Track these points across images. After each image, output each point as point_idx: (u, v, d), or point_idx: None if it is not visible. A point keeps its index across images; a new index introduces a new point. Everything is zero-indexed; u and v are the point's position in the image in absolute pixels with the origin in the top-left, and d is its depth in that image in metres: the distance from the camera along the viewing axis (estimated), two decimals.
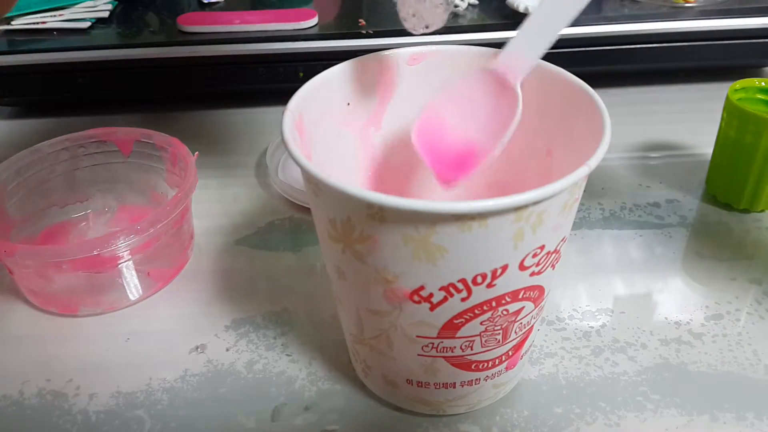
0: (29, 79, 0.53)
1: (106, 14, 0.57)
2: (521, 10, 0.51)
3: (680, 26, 0.53)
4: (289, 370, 0.33)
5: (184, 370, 0.33)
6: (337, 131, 0.31)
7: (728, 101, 0.41)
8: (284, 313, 0.36)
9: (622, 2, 0.56)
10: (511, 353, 0.28)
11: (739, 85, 0.42)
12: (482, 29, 0.53)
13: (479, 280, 0.24)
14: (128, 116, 0.56)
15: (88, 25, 0.55)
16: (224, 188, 0.47)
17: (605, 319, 0.35)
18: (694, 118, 0.53)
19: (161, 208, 0.35)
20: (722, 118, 0.42)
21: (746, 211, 0.43)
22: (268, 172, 0.47)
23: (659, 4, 0.55)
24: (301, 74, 0.53)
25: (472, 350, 0.27)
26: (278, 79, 0.53)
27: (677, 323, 0.35)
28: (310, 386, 0.32)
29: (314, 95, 0.29)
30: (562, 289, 0.37)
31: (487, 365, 0.28)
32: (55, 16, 0.56)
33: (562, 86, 0.29)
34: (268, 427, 0.30)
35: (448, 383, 0.28)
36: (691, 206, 0.43)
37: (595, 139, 0.25)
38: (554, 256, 0.25)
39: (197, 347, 0.34)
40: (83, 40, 0.53)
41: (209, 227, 0.43)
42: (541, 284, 0.26)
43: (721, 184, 0.43)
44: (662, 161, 0.48)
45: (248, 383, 0.32)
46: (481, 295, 0.24)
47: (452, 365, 0.27)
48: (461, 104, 0.29)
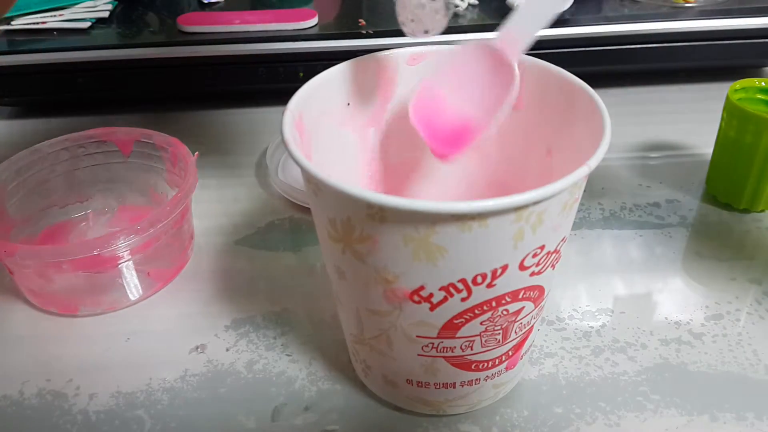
0: (29, 79, 0.53)
1: (106, 14, 0.57)
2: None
3: (680, 26, 0.53)
4: (289, 370, 0.33)
5: (184, 370, 0.33)
6: (337, 131, 0.31)
7: (728, 101, 0.41)
8: (284, 313, 0.36)
9: (622, 2, 0.56)
10: (511, 353, 0.28)
11: (739, 85, 0.42)
12: (482, 29, 0.53)
13: (479, 280, 0.24)
14: (128, 116, 0.56)
15: (88, 25, 0.55)
16: (224, 188, 0.47)
17: (605, 319, 0.35)
18: (694, 118, 0.53)
19: (161, 208, 0.35)
20: (722, 118, 0.42)
21: (746, 211, 0.43)
22: (268, 172, 0.47)
23: (659, 4, 0.55)
24: (301, 74, 0.52)
25: (472, 350, 0.27)
26: (278, 79, 0.53)
27: (677, 323, 0.35)
28: (310, 386, 0.32)
29: (314, 95, 0.29)
30: (562, 289, 0.37)
31: (487, 365, 0.28)
32: (55, 16, 0.56)
33: (562, 86, 0.29)
34: (268, 427, 0.30)
35: (448, 383, 0.28)
36: (691, 206, 0.43)
37: (595, 139, 0.25)
38: (554, 256, 0.25)
39: (197, 347, 0.34)
40: (83, 40, 0.53)
41: (209, 227, 0.43)
42: (541, 284, 0.26)
43: (721, 184, 0.43)
44: (662, 161, 0.48)
45: (248, 383, 0.32)
46: (481, 295, 0.24)
47: (452, 365, 0.27)
48: (459, 79, 0.28)
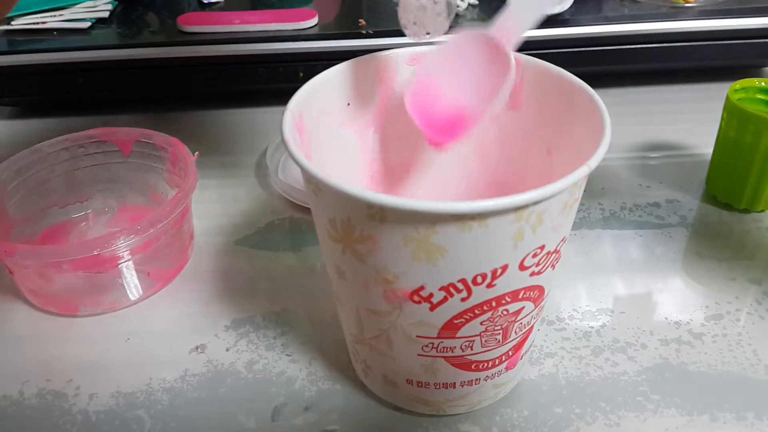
0: (29, 79, 0.53)
1: (106, 14, 0.57)
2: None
3: (680, 26, 0.53)
4: (289, 370, 0.33)
5: (184, 370, 0.33)
6: (337, 131, 0.31)
7: (728, 101, 0.41)
8: (284, 313, 0.36)
9: (622, 2, 0.56)
10: (511, 353, 0.28)
11: (739, 85, 0.42)
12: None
13: (479, 280, 0.24)
14: (128, 116, 0.56)
15: (88, 25, 0.55)
16: (224, 188, 0.47)
17: (605, 319, 0.35)
18: (694, 118, 0.53)
19: (161, 208, 0.35)
20: (722, 118, 0.42)
21: (746, 211, 0.43)
22: (268, 172, 0.47)
23: (659, 4, 0.55)
24: (301, 74, 0.52)
25: (472, 350, 0.27)
26: (278, 79, 0.53)
27: (677, 323, 0.35)
28: (310, 386, 0.32)
29: (314, 95, 0.29)
30: (562, 289, 0.37)
31: (487, 365, 0.28)
32: (55, 16, 0.55)
33: (562, 86, 0.29)
34: (268, 427, 0.30)
35: (448, 383, 0.28)
36: (691, 206, 0.43)
37: (595, 139, 0.25)
38: (554, 256, 0.25)
39: (197, 347, 0.34)
40: (83, 40, 0.53)
41: (209, 227, 0.43)
42: (541, 284, 0.26)
43: (721, 184, 0.43)
44: (662, 161, 0.48)
45: (248, 383, 0.32)
46: (481, 295, 0.24)
47: (452, 365, 0.27)
48: (455, 68, 0.28)
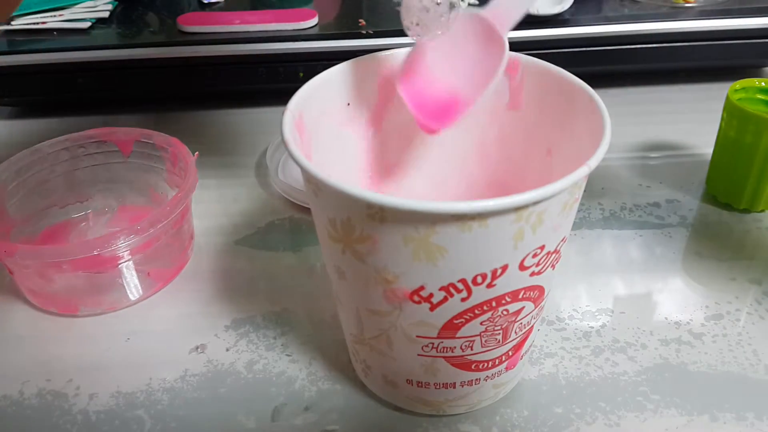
0: (29, 79, 0.53)
1: (106, 14, 0.57)
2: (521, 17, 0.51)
3: (680, 26, 0.53)
4: (289, 370, 0.33)
5: (184, 370, 0.33)
6: (337, 131, 0.31)
7: (728, 101, 0.41)
8: (284, 313, 0.36)
9: (622, 2, 0.56)
10: (511, 353, 0.28)
11: (739, 85, 0.42)
12: None
13: (479, 280, 0.24)
14: (128, 116, 0.56)
15: (88, 25, 0.55)
16: (224, 188, 0.47)
17: (605, 319, 0.35)
18: (694, 118, 0.53)
19: (161, 208, 0.35)
20: (722, 118, 0.42)
21: (746, 211, 0.42)
22: (268, 172, 0.47)
23: (659, 4, 0.55)
24: (301, 74, 0.52)
25: (472, 350, 0.27)
26: (278, 79, 0.53)
27: (677, 323, 0.35)
28: (310, 386, 0.32)
29: (314, 95, 0.29)
30: (562, 289, 0.37)
31: (487, 365, 0.28)
32: (55, 16, 0.55)
33: (562, 86, 0.29)
34: (268, 427, 0.30)
35: (448, 383, 0.28)
36: (691, 206, 0.43)
37: (595, 139, 0.25)
38: (554, 256, 0.25)
39: (197, 347, 0.34)
40: (83, 40, 0.53)
41: (209, 227, 0.43)
42: (541, 284, 0.26)
43: (721, 184, 0.43)
44: (662, 161, 0.48)
45: (248, 383, 0.32)
46: (481, 295, 0.24)
47: (452, 365, 0.27)
48: (448, 51, 0.28)
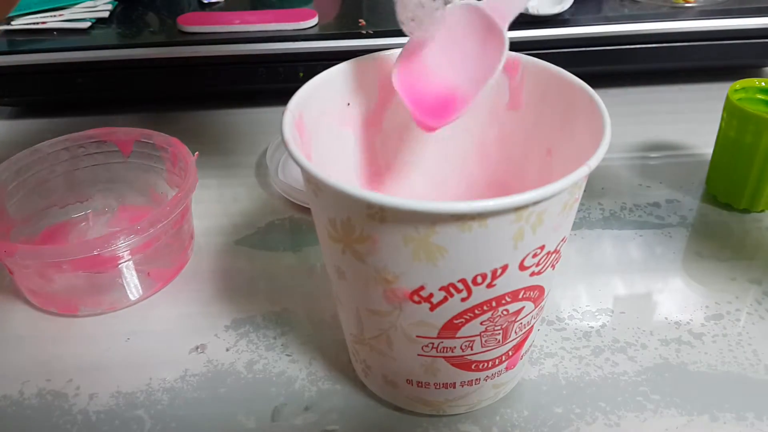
0: (29, 79, 0.53)
1: (106, 14, 0.57)
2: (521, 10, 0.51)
3: (680, 26, 0.53)
4: (289, 370, 0.33)
5: (184, 370, 0.33)
6: (337, 131, 0.31)
7: (728, 101, 0.41)
8: (284, 313, 0.36)
9: (622, 2, 0.56)
10: (511, 353, 0.28)
11: (739, 85, 0.42)
12: None
13: (479, 280, 0.24)
14: (128, 116, 0.56)
15: (88, 25, 0.55)
16: (224, 188, 0.47)
17: (605, 319, 0.35)
18: (694, 118, 0.53)
19: (161, 208, 0.35)
20: (722, 118, 0.42)
21: (746, 211, 0.42)
22: (268, 172, 0.47)
23: (659, 4, 0.55)
24: (301, 74, 0.52)
25: (472, 350, 0.27)
26: (278, 79, 0.53)
27: (677, 323, 0.35)
28: (310, 386, 0.32)
29: (314, 95, 0.28)
30: (562, 289, 0.37)
31: (487, 365, 0.28)
32: (55, 16, 0.55)
33: (562, 86, 0.29)
34: (268, 427, 0.30)
35: (448, 383, 0.28)
36: (691, 206, 0.43)
37: (595, 139, 0.25)
38: (554, 256, 0.25)
39: (197, 347, 0.34)
40: (83, 40, 0.53)
41: (209, 227, 0.43)
42: (541, 284, 0.26)
43: (721, 184, 0.43)
44: (662, 161, 0.48)
45: (248, 383, 0.32)
46: (481, 295, 0.24)
47: (452, 365, 0.27)
48: (446, 45, 0.27)
